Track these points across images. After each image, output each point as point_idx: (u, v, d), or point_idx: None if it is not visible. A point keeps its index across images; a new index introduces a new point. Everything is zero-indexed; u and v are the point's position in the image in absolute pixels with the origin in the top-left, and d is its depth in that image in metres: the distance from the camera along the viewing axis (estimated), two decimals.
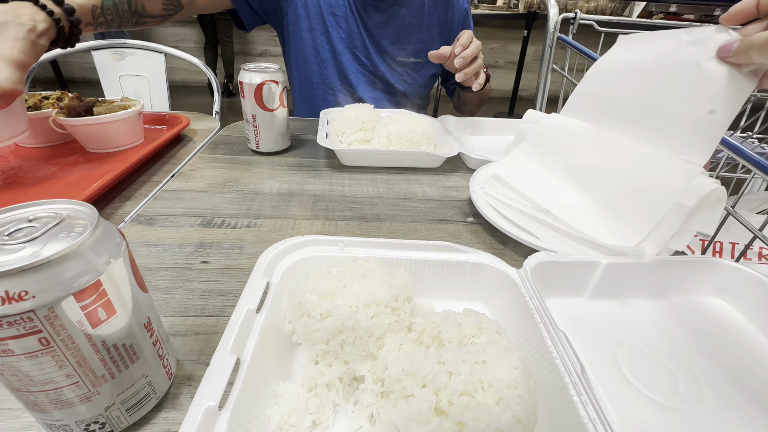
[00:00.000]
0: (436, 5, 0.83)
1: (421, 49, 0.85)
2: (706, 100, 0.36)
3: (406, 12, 0.81)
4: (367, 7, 0.79)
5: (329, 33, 0.80)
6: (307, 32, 0.80)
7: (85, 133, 0.57)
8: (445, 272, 0.35)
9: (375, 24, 0.81)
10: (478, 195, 0.49)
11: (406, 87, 0.88)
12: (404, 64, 0.86)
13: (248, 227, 0.45)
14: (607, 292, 0.36)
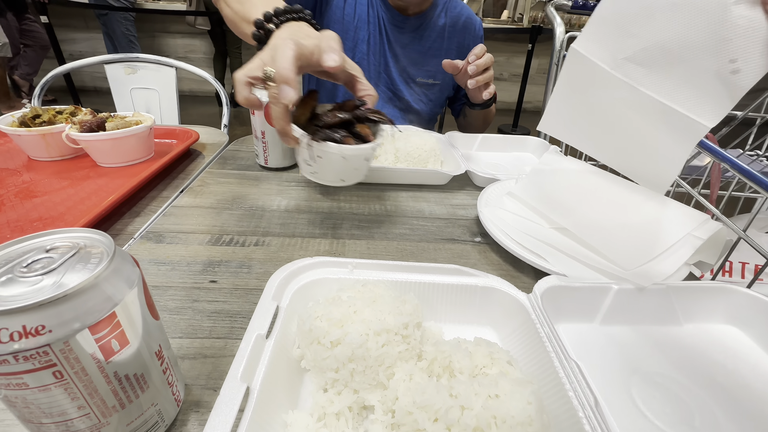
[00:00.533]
0: (454, 31, 0.87)
1: (439, 72, 0.87)
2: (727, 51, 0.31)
3: (428, 36, 0.85)
4: (395, 28, 0.82)
5: (357, 49, 0.82)
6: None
7: (96, 148, 0.58)
8: (454, 296, 0.35)
9: (399, 44, 0.84)
10: (486, 215, 0.49)
11: (421, 107, 0.90)
12: (422, 85, 0.89)
13: (256, 245, 0.45)
14: (618, 317, 0.36)
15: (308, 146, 0.39)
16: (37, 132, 0.57)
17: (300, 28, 0.43)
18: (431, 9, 0.84)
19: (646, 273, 0.37)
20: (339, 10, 0.80)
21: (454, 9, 0.87)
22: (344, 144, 0.39)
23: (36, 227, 0.44)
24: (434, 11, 0.84)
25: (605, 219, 0.44)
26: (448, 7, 0.86)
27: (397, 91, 0.88)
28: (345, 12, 0.80)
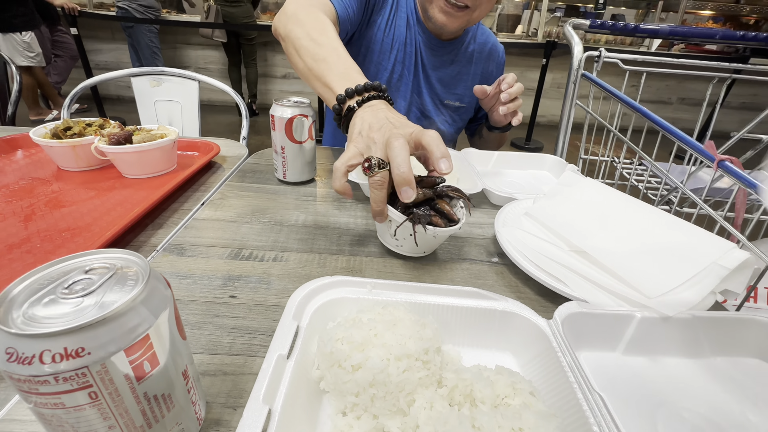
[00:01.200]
0: (481, 57, 0.89)
1: (465, 95, 0.90)
2: None
3: (458, 60, 0.87)
4: (429, 51, 0.84)
5: (393, 69, 0.84)
6: (373, 66, 0.84)
7: (123, 160, 0.60)
8: (473, 319, 0.35)
9: (432, 67, 0.86)
10: (504, 236, 0.48)
11: (446, 128, 0.92)
12: (449, 107, 0.91)
13: (275, 261, 0.45)
14: (641, 347, 0.35)
15: (403, 226, 0.42)
16: (68, 144, 0.60)
17: (384, 112, 0.46)
18: (464, 35, 0.87)
19: (670, 301, 0.36)
20: (380, 31, 0.82)
21: (482, 36, 0.90)
22: (432, 223, 0.42)
23: (64, 237, 0.46)
24: (466, 37, 0.87)
25: (627, 244, 0.43)
26: (477, 34, 0.89)
27: (426, 111, 0.90)
28: (385, 33, 0.82)
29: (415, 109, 0.90)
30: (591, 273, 0.42)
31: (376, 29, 0.81)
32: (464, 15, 0.74)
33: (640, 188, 0.76)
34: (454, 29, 0.77)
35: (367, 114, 0.45)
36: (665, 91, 3.96)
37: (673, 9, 4.01)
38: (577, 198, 0.52)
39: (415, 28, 0.82)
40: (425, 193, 0.43)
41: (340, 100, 0.48)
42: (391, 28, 0.82)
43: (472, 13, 0.74)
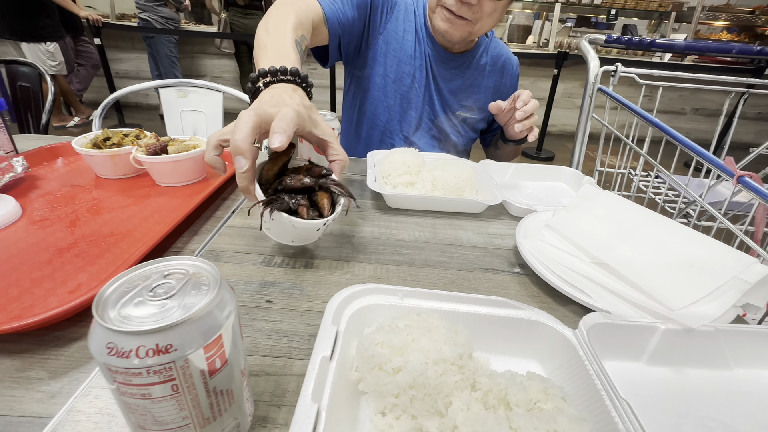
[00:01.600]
0: (494, 70, 0.91)
1: (477, 107, 0.92)
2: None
3: (470, 72, 0.89)
4: (440, 63, 0.87)
5: (402, 81, 0.87)
6: (381, 77, 0.86)
7: (158, 170, 0.63)
8: (500, 327, 0.36)
9: (443, 78, 0.88)
10: (526, 247, 0.50)
11: (458, 138, 0.95)
12: (460, 118, 0.93)
13: (305, 267, 0.47)
14: (665, 358, 0.36)
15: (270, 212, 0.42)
16: (108, 153, 0.63)
17: (281, 94, 0.44)
18: (475, 48, 0.88)
19: (692, 314, 0.38)
20: (386, 45, 0.84)
21: (495, 49, 0.92)
22: (297, 213, 0.42)
23: (109, 242, 0.49)
24: (478, 50, 0.89)
25: (648, 257, 0.44)
26: (489, 47, 0.91)
27: (437, 122, 0.92)
28: (390, 47, 0.85)
29: (426, 120, 0.92)
30: (613, 285, 0.44)
31: (381, 42, 0.84)
32: (465, 25, 0.76)
33: (658, 201, 0.77)
34: (456, 38, 0.79)
35: (265, 95, 0.44)
36: (678, 101, 3.94)
37: (686, 20, 4.00)
38: (597, 211, 0.53)
39: (425, 41, 0.85)
40: (304, 182, 0.43)
41: (252, 80, 0.48)
42: (399, 42, 0.84)
43: (473, 25, 0.76)
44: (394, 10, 0.84)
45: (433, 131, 0.93)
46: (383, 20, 0.83)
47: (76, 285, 0.40)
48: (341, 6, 0.75)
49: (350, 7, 0.76)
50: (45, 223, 0.52)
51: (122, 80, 3.94)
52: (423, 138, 0.92)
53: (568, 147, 3.71)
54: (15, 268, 0.42)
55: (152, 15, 3.18)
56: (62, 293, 0.39)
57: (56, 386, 0.31)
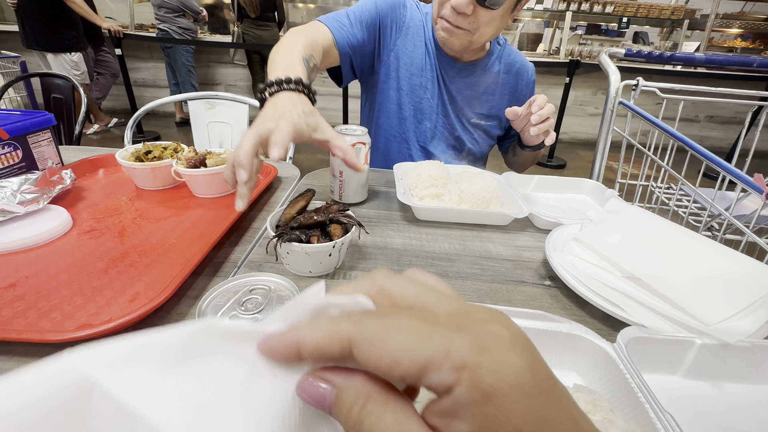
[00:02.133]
0: (508, 77, 0.93)
1: (493, 114, 0.94)
2: None
3: (483, 80, 0.91)
4: (452, 73, 0.89)
5: (415, 93, 0.90)
6: (394, 91, 0.90)
7: (197, 182, 0.66)
8: (539, 340, 0.38)
9: (456, 88, 0.91)
10: (556, 260, 0.51)
11: (474, 146, 0.96)
12: (476, 125, 0.95)
13: (344, 279, 0.49)
14: (702, 372, 0.37)
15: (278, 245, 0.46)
16: (150, 166, 0.66)
17: (284, 104, 0.51)
18: (487, 56, 0.90)
19: (727, 329, 0.39)
20: (397, 60, 0.88)
21: (509, 56, 0.93)
22: (309, 242, 0.46)
23: (157, 252, 0.51)
24: (489, 58, 0.91)
25: (679, 272, 0.45)
26: (503, 54, 0.93)
27: (453, 130, 0.94)
28: (403, 62, 0.88)
29: (442, 129, 0.94)
30: (646, 299, 0.45)
31: (393, 58, 0.87)
32: (464, 34, 0.78)
33: (681, 214, 0.77)
34: (456, 47, 0.81)
35: (268, 105, 0.51)
36: (692, 109, 3.91)
37: (699, 27, 3.98)
38: (626, 225, 0.55)
39: (434, 53, 0.88)
40: (315, 219, 0.48)
41: (260, 90, 0.55)
42: (409, 57, 0.88)
43: (471, 35, 0.78)
44: (404, 27, 0.87)
45: (449, 140, 0.95)
46: (393, 38, 0.87)
47: (134, 294, 0.43)
48: (350, 29, 0.80)
49: (360, 29, 0.81)
50: (95, 233, 0.55)
51: (140, 88, 4.05)
52: (439, 146, 0.95)
53: (580, 155, 3.70)
54: (75, 277, 0.45)
55: (171, 26, 3.28)
56: (123, 302, 0.41)
57: None
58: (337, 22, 0.79)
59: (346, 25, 0.80)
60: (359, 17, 0.81)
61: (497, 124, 0.97)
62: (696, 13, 3.89)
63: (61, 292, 0.42)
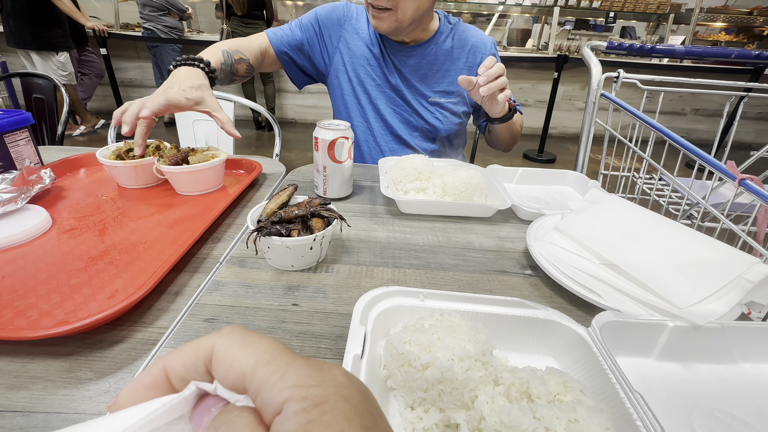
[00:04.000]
0: (462, 52, 0.94)
1: (452, 90, 0.95)
2: None
3: (434, 57, 0.93)
4: (400, 55, 0.92)
5: (364, 81, 0.93)
6: (347, 83, 0.95)
7: (180, 179, 0.66)
8: (517, 326, 0.38)
9: (407, 68, 0.93)
10: (537, 249, 0.52)
11: (439, 124, 0.96)
12: (435, 104, 0.95)
13: (327, 272, 0.50)
14: (674, 354, 0.38)
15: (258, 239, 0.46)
16: (131, 164, 0.66)
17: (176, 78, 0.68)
18: (436, 35, 0.92)
19: (699, 312, 0.40)
20: (343, 55, 0.93)
21: (462, 33, 0.94)
22: (290, 236, 0.46)
23: (138, 249, 0.51)
24: (439, 37, 0.93)
25: (655, 258, 0.46)
26: (455, 31, 0.94)
27: (413, 111, 0.95)
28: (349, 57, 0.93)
29: (402, 112, 0.96)
30: (622, 284, 0.46)
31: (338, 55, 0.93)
32: (389, 16, 0.80)
33: (662, 203, 0.79)
34: (386, 30, 0.83)
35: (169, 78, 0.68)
36: (679, 102, 3.97)
37: (685, 21, 4.03)
38: (605, 214, 0.56)
39: (378, 40, 0.91)
40: (296, 213, 0.49)
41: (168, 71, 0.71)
42: (351, 50, 0.92)
43: (395, 13, 0.80)
44: (345, 24, 0.92)
45: (412, 121, 0.96)
46: (335, 36, 0.93)
47: (114, 291, 0.43)
48: (288, 32, 0.91)
49: (299, 31, 0.92)
50: (75, 232, 0.55)
51: (127, 89, 3.99)
52: (405, 130, 0.96)
53: (570, 149, 3.74)
54: (53, 276, 0.45)
55: (156, 24, 3.23)
56: (101, 299, 0.41)
57: (104, 385, 0.33)
58: (277, 30, 0.92)
59: (284, 29, 0.92)
60: (299, 23, 0.92)
61: (460, 101, 0.97)
62: (681, 8, 3.94)
63: (39, 291, 0.42)
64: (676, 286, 0.43)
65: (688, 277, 0.43)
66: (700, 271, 0.44)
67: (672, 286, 0.43)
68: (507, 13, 4.04)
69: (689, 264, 0.45)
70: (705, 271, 0.43)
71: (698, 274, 0.43)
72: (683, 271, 0.44)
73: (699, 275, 0.43)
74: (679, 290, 0.42)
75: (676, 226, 0.50)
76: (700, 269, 0.44)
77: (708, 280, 0.42)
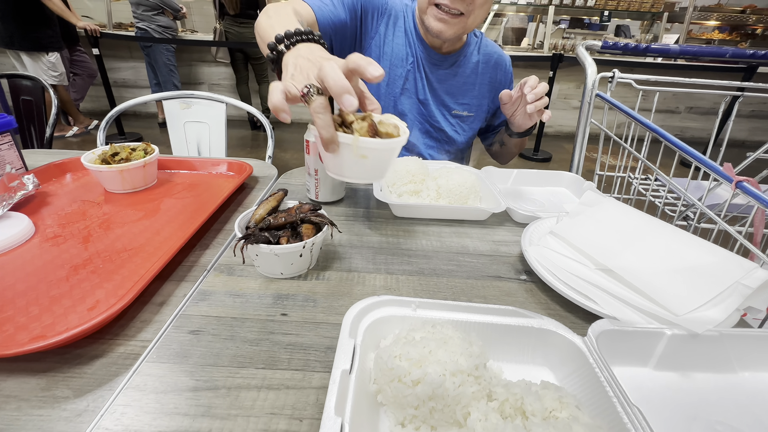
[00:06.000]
0: (487, 68, 0.93)
1: (474, 105, 0.94)
2: None
3: (462, 71, 0.91)
4: (432, 65, 0.89)
5: (394, 84, 0.89)
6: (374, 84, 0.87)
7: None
8: (512, 336, 0.37)
9: (437, 79, 0.90)
10: (531, 254, 0.51)
11: (457, 136, 0.96)
12: (457, 116, 0.94)
13: (317, 279, 0.48)
14: (672, 363, 0.37)
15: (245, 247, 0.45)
16: (117, 168, 0.64)
17: (311, 50, 0.47)
18: (465, 47, 0.90)
19: (697, 319, 0.39)
20: (378, 48, 0.87)
21: (486, 47, 0.94)
22: (279, 243, 0.45)
23: (123, 257, 0.49)
24: (468, 49, 0.91)
25: (652, 263, 0.45)
26: (480, 45, 0.93)
27: (435, 123, 0.93)
28: (383, 51, 0.87)
29: (423, 121, 0.94)
30: (618, 291, 0.45)
31: (374, 46, 0.86)
32: (459, 21, 0.77)
33: (658, 204, 0.78)
34: (450, 36, 0.80)
35: (296, 53, 0.47)
36: (673, 100, 3.98)
37: (679, 20, 4.04)
38: (600, 217, 0.55)
39: (416, 44, 0.87)
40: (285, 219, 0.48)
41: (271, 47, 0.49)
42: (389, 46, 0.87)
43: (466, 19, 0.77)
44: (386, 14, 0.87)
45: (432, 132, 0.94)
46: (375, 24, 0.86)
47: (95, 302, 0.41)
48: (332, 7, 0.77)
49: (342, 9, 0.79)
50: (58, 240, 0.53)
51: (121, 89, 3.95)
52: (421, 138, 0.94)
53: (565, 148, 3.74)
54: (33, 287, 0.43)
55: (150, 24, 3.20)
56: (81, 310, 0.40)
57: (82, 404, 0.32)
58: (320, 2, 0.76)
59: (327, 3, 0.77)
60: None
61: (478, 116, 0.96)
62: (675, 6, 3.95)
63: (17, 303, 0.40)
64: (673, 292, 0.42)
65: (686, 283, 0.42)
66: (697, 277, 0.43)
67: (669, 292, 0.42)
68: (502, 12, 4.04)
69: (686, 269, 0.44)
70: (702, 276, 0.43)
71: (695, 280, 0.42)
72: (680, 276, 0.43)
73: (696, 281, 0.42)
74: (676, 296, 0.41)
75: (673, 230, 0.50)
76: (698, 274, 0.43)
77: (705, 285, 0.41)
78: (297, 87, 0.41)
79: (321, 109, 0.39)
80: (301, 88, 0.40)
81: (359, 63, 0.39)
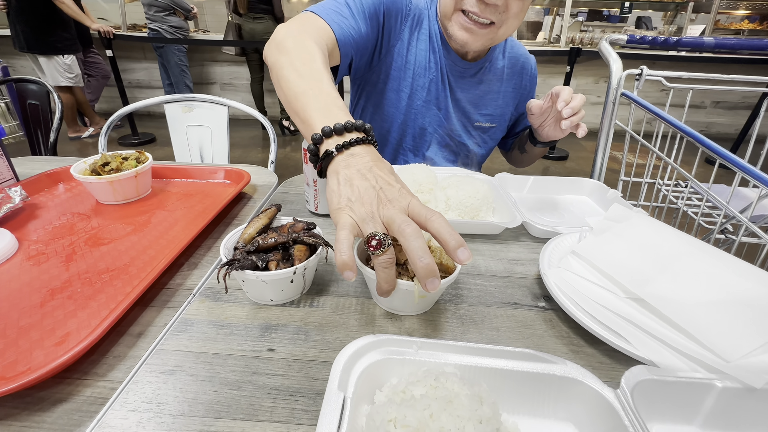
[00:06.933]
0: (513, 73, 0.86)
1: (497, 115, 0.87)
2: None
3: (487, 79, 0.84)
4: (456, 74, 0.81)
5: (416, 95, 0.81)
6: (394, 93, 0.81)
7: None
8: (529, 385, 0.32)
9: (460, 88, 0.83)
10: (551, 279, 0.45)
11: (477, 149, 0.90)
12: (479, 128, 0.88)
13: (311, 307, 0.44)
14: (723, 422, 0.31)
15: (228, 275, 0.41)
16: (107, 179, 0.61)
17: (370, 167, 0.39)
18: (491, 51, 0.83)
19: (753, 366, 0.33)
20: (401, 57, 0.78)
21: (512, 50, 0.86)
22: (267, 268, 0.41)
23: (103, 280, 0.46)
24: (493, 53, 0.83)
25: (692, 293, 0.39)
26: (506, 48, 0.85)
27: (456, 136, 0.87)
28: (406, 59, 0.78)
29: (444, 134, 0.87)
30: (653, 326, 0.39)
31: (396, 55, 0.78)
32: (488, 33, 0.69)
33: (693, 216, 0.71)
34: (476, 48, 0.73)
35: (349, 167, 0.39)
36: (698, 95, 3.79)
37: (705, 9, 3.84)
38: (629, 235, 0.49)
39: (440, 50, 0.79)
40: (276, 240, 0.44)
41: (316, 140, 0.42)
42: (413, 54, 0.78)
43: (497, 30, 0.69)
44: (409, 17, 0.77)
45: (452, 146, 0.88)
46: (399, 27, 0.76)
47: (65, 334, 0.38)
48: (353, 22, 0.67)
49: (362, 20, 0.69)
50: (40, 258, 0.50)
51: (134, 90, 4.00)
52: (440, 153, 0.88)
53: (583, 145, 3.61)
54: (4, 315, 0.40)
55: (161, 25, 3.21)
56: (49, 345, 0.36)
57: None
58: (336, 15, 0.65)
59: (347, 17, 0.67)
60: (360, 8, 0.69)
61: (501, 126, 0.90)
62: None
63: None
64: (721, 331, 0.36)
65: (734, 320, 0.36)
66: (748, 312, 0.36)
67: (716, 331, 0.36)
68: None
69: (736, 301, 0.38)
70: (755, 311, 0.36)
71: (746, 316, 0.36)
72: (728, 310, 0.37)
73: (747, 317, 0.36)
74: (725, 337, 0.35)
75: (714, 252, 0.43)
76: (749, 309, 0.37)
77: (760, 323, 0.35)
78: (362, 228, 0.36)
79: (388, 265, 0.35)
80: (366, 230, 0.36)
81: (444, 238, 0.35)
